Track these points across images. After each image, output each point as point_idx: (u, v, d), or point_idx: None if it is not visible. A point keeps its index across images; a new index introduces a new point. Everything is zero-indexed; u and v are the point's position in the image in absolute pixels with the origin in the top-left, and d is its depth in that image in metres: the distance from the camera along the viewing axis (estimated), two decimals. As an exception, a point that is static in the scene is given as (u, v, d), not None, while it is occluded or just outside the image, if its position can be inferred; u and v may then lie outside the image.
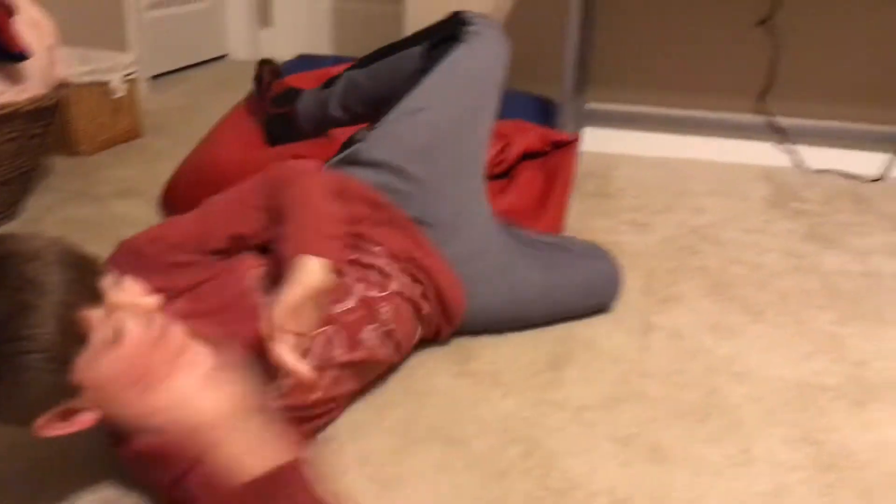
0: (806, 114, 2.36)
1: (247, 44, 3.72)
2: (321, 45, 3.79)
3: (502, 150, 1.91)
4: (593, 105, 2.48)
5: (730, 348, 1.43)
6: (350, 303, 1.17)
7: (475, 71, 1.41)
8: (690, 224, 1.96)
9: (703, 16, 2.34)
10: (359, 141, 1.38)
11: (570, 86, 2.14)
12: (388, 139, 1.36)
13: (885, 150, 2.32)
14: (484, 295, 1.37)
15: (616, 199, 2.11)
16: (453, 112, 1.38)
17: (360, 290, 1.19)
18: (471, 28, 1.42)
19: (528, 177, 1.94)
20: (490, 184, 1.92)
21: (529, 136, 1.98)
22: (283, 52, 3.75)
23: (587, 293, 1.50)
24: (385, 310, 1.21)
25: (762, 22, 2.30)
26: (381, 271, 1.24)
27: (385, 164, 1.34)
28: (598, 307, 1.52)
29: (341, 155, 1.39)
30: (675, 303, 1.58)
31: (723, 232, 1.92)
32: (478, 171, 1.44)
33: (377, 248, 1.26)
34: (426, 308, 1.30)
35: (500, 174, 1.94)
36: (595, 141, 2.49)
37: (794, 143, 2.37)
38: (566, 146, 2.00)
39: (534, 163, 1.96)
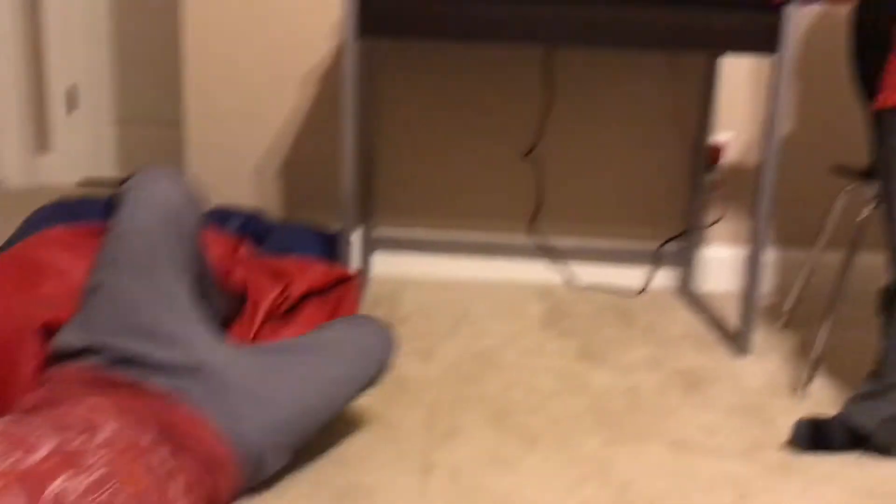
0: (574, 233, 2.56)
1: (23, 170, 3.53)
2: (104, 170, 3.67)
3: (284, 290, 1.91)
4: (381, 231, 2.56)
5: (507, 483, 1.48)
6: (41, 453, 1.09)
7: (136, 229, 1.42)
8: (473, 349, 2.04)
9: (475, 147, 2.50)
10: (58, 333, 1.38)
11: (350, 217, 2.18)
12: (80, 326, 1.37)
13: (644, 264, 2.55)
14: (261, 421, 1.34)
15: (403, 325, 2.16)
16: (129, 275, 1.38)
17: (53, 442, 1.12)
18: (128, 186, 1.45)
19: (311, 312, 1.95)
20: (273, 322, 1.93)
21: (311, 273, 1.99)
22: (64, 178, 3.60)
23: (364, 361, 1.51)
24: (95, 460, 1.13)
25: (528, 153, 2.49)
26: (87, 421, 1.18)
27: (83, 350, 1.34)
28: (379, 372, 1.53)
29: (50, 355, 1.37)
30: (456, 437, 1.62)
31: (502, 355, 2.01)
32: (190, 308, 1.43)
33: (85, 402, 1.21)
34: (165, 456, 1.21)
35: (285, 313, 1.94)
36: (384, 266, 2.56)
37: (565, 261, 2.55)
38: (348, 280, 2.04)
39: (317, 299, 1.97)
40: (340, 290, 2.03)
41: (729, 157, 2.49)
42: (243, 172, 2.54)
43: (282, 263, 2.08)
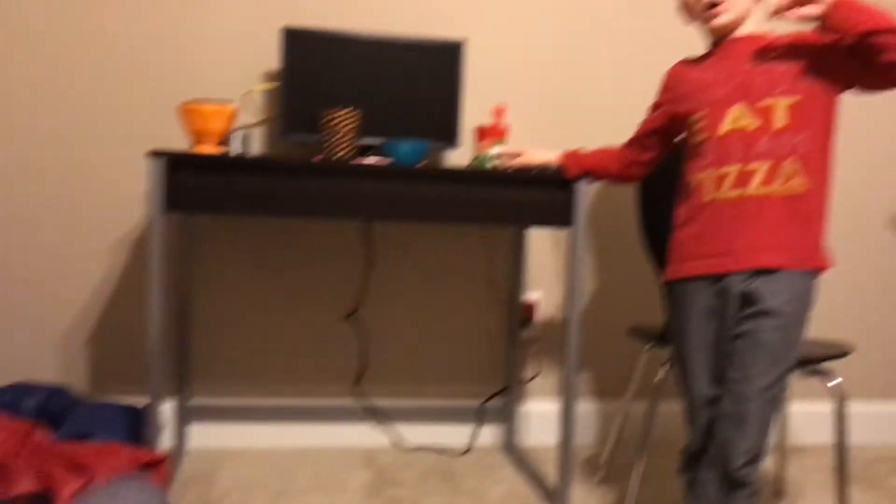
0: (399, 394, 2.55)
1: None
2: None
3: (86, 483, 1.77)
4: (198, 400, 2.45)
5: None
6: None
7: None
8: (291, 530, 1.95)
9: (296, 310, 2.48)
10: None
11: (158, 389, 2.04)
12: None
13: (469, 422, 2.57)
14: None
15: (218, 507, 2.05)
16: None
17: None
18: None
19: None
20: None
21: (116, 460, 1.85)
22: None
23: None
24: None
25: (349, 315, 2.50)
26: None
27: None
28: None
29: None
30: None
31: (322, 535, 1.93)
32: None
33: None
34: None
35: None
36: (202, 438, 2.44)
37: (390, 423, 2.53)
38: (157, 463, 1.92)
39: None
40: (149, 475, 1.90)
41: (541, 315, 2.59)
42: (46, 344, 2.38)
43: (82, 450, 1.93)
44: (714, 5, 1.72)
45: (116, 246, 2.39)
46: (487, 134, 2.14)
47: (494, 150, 2.13)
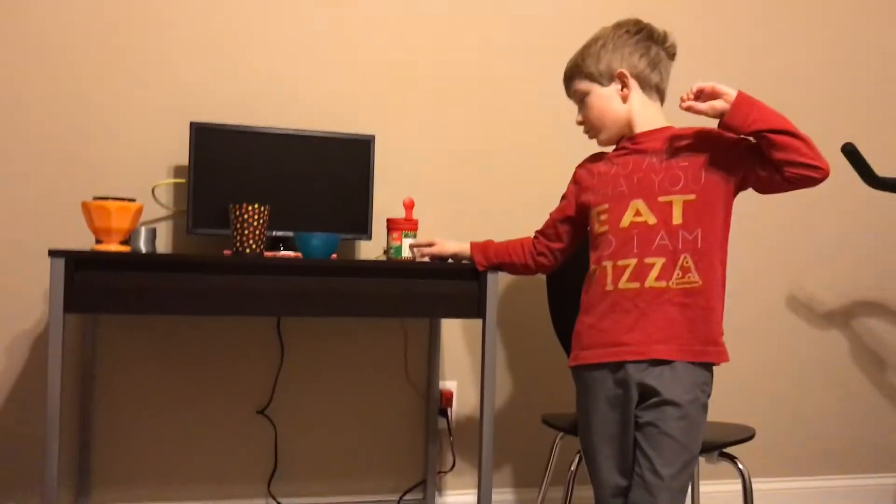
0: (313, 491, 2.48)
1: None
2: None
3: None
4: (100, 506, 2.33)
5: None
6: None
7: None
8: None
9: (205, 409, 2.41)
10: None
11: (52, 497, 1.92)
12: None
13: (387, 517, 2.52)
14: None
15: None
16: None
17: None
18: None
19: None
20: None
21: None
22: None
23: None
24: None
25: (261, 410, 2.44)
26: None
27: None
28: None
29: None
30: None
31: None
32: None
33: None
34: None
35: None
36: (103, 547, 2.31)
37: (305, 522, 2.46)
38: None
39: None
40: None
41: (458, 404, 2.58)
42: (-65, 452, 2.25)
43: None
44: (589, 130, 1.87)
45: (13, 345, 2.29)
46: (398, 226, 2.16)
47: (406, 241, 2.15)
